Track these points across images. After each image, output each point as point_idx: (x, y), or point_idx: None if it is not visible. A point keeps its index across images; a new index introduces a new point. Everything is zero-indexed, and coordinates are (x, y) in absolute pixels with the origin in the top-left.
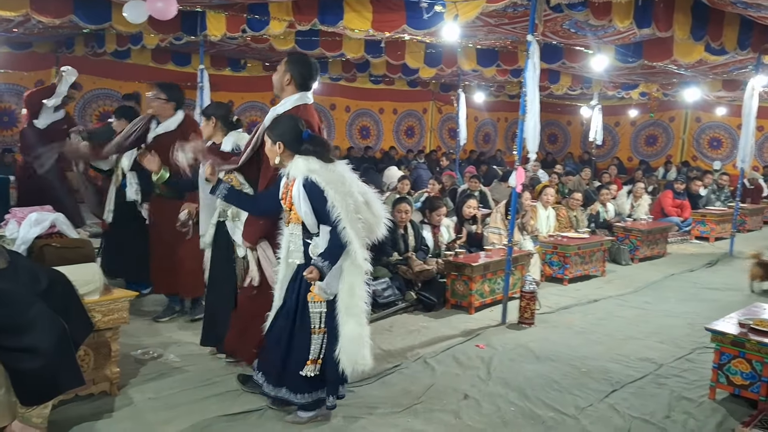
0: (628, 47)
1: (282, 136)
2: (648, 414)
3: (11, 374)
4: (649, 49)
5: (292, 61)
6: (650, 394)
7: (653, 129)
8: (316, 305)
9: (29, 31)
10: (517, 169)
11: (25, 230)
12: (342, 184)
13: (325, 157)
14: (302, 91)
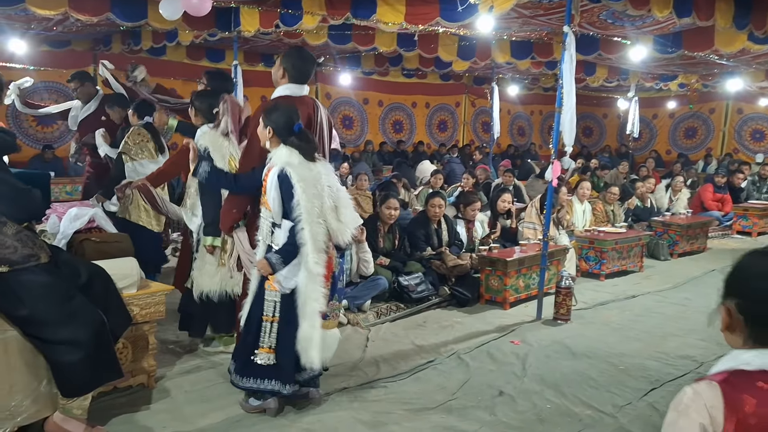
0: (667, 37)
1: (274, 122)
2: None
3: (52, 366)
4: (689, 38)
5: (286, 54)
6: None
7: (693, 121)
8: (271, 294)
9: (68, 30)
10: (553, 163)
11: (66, 225)
12: (314, 186)
13: (307, 154)
14: (295, 83)
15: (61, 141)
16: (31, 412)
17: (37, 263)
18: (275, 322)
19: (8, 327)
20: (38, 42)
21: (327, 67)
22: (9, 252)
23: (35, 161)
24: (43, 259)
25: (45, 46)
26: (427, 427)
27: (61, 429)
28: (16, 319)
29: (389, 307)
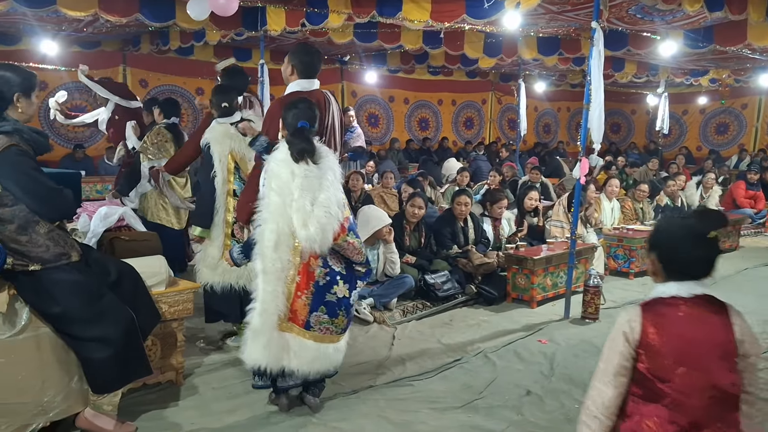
0: (698, 32)
1: (284, 115)
2: None
3: (83, 363)
4: (721, 33)
5: (293, 51)
6: None
7: (724, 117)
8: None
9: (98, 30)
10: (581, 160)
11: (96, 224)
12: (287, 186)
13: (293, 152)
14: (304, 78)
15: (91, 140)
16: (63, 408)
17: (69, 262)
18: None
19: (41, 324)
20: (69, 43)
21: (352, 66)
22: (41, 251)
23: (66, 160)
24: (74, 257)
25: (76, 47)
26: (454, 425)
27: (91, 425)
28: (48, 316)
29: (415, 305)
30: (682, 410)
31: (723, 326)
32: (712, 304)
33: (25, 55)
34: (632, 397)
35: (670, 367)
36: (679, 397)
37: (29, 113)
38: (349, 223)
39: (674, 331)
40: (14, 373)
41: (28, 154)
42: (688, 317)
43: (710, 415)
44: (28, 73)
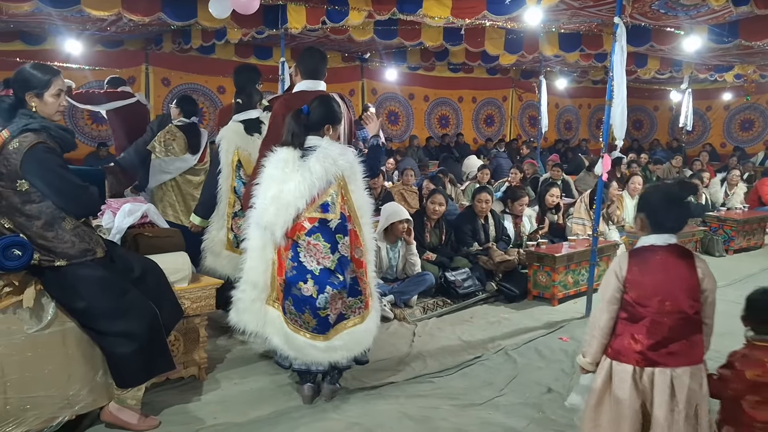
0: (723, 26)
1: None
2: None
3: (108, 358)
4: (746, 27)
5: (299, 56)
6: None
7: (749, 113)
8: None
9: (120, 30)
10: (603, 157)
11: (120, 220)
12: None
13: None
14: (309, 79)
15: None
16: (88, 402)
17: (93, 257)
18: None
19: (67, 319)
20: (93, 42)
21: (373, 63)
22: (67, 246)
23: (90, 158)
24: (99, 253)
25: (99, 46)
26: (474, 422)
27: (116, 418)
28: (73, 311)
29: (436, 302)
30: (658, 328)
31: (689, 268)
32: (682, 252)
33: (50, 54)
34: (621, 320)
35: (648, 297)
36: (655, 318)
37: (46, 112)
38: (315, 224)
39: (652, 270)
40: (41, 366)
41: (55, 151)
42: (663, 260)
43: (678, 332)
44: (44, 74)
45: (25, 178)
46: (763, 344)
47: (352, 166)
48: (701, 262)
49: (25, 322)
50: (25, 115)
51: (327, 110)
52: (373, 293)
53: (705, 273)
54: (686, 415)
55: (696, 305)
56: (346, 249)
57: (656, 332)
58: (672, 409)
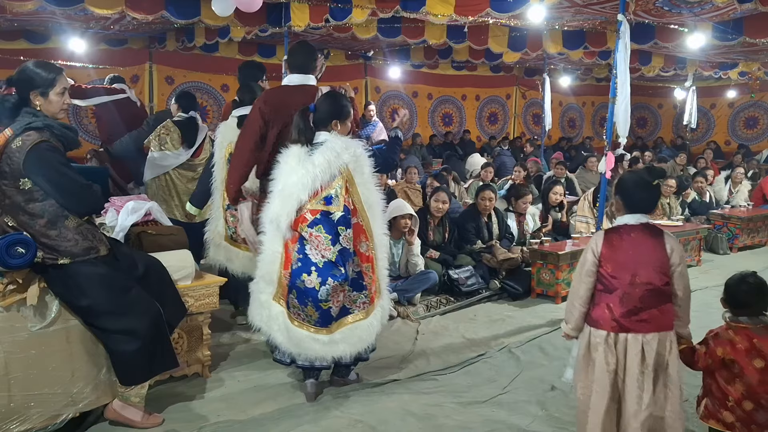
0: (727, 24)
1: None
2: None
3: (111, 355)
4: (751, 25)
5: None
6: None
7: (754, 110)
8: None
9: (124, 28)
10: (606, 154)
11: (123, 218)
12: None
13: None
14: (295, 74)
15: None
16: (92, 399)
17: (97, 255)
18: None
19: (70, 317)
20: (96, 41)
21: (376, 61)
22: (70, 245)
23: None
24: (103, 251)
25: (103, 44)
26: (478, 420)
27: (119, 416)
28: (77, 309)
29: (439, 300)
30: (629, 298)
31: (659, 244)
32: (652, 230)
33: (54, 53)
34: (597, 291)
35: (620, 270)
36: (627, 289)
37: (51, 111)
38: (317, 215)
39: (625, 246)
40: (45, 364)
41: (58, 150)
42: (635, 238)
43: (648, 302)
44: (48, 72)
45: (27, 176)
46: (736, 325)
47: (357, 159)
48: (670, 239)
49: (28, 320)
50: (29, 113)
51: (333, 106)
52: (381, 290)
53: (673, 248)
54: (655, 377)
55: (665, 278)
56: (348, 242)
57: (628, 302)
58: (642, 371)
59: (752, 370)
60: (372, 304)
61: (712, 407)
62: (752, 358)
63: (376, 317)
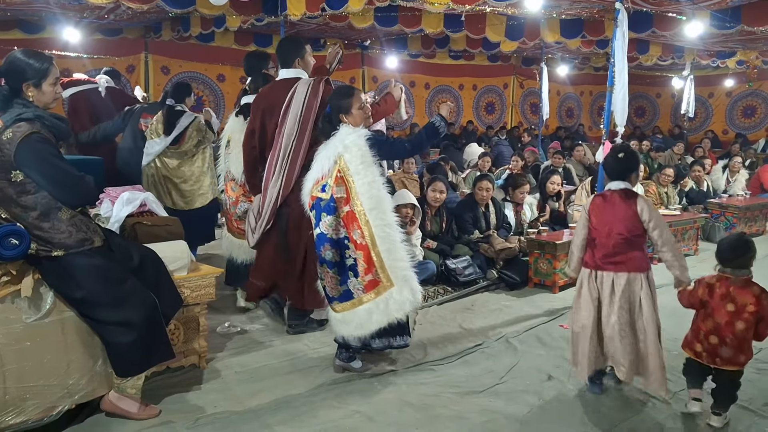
0: (725, 12)
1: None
2: (746, 400)
3: (107, 347)
4: (749, 13)
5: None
6: (748, 379)
7: (751, 99)
8: None
9: (119, 18)
10: (604, 143)
11: (118, 209)
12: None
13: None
14: (282, 69)
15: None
16: (88, 391)
17: (92, 247)
18: None
19: (65, 308)
20: (91, 30)
21: (373, 50)
22: (64, 236)
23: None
24: (97, 242)
25: (98, 34)
26: (475, 410)
27: (116, 407)
28: (72, 300)
29: (436, 290)
30: (605, 245)
31: (632, 204)
32: (628, 194)
33: (49, 43)
34: (588, 240)
35: (600, 224)
36: (604, 239)
37: (44, 101)
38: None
39: (606, 206)
40: (40, 356)
41: (50, 141)
42: (614, 200)
43: (619, 249)
44: (41, 63)
45: (19, 168)
46: (721, 275)
47: (349, 148)
48: (641, 201)
49: (23, 312)
50: (20, 104)
51: (333, 101)
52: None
53: (643, 208)
54: (621, 307)
55: (635, 231)
56: (328, 228)
57: (604, 248)
58: (611, 302)
59: (723, 312)
60: (367, 293)
61: (690, 338)
62: (726, 303)
63: (377, 305)
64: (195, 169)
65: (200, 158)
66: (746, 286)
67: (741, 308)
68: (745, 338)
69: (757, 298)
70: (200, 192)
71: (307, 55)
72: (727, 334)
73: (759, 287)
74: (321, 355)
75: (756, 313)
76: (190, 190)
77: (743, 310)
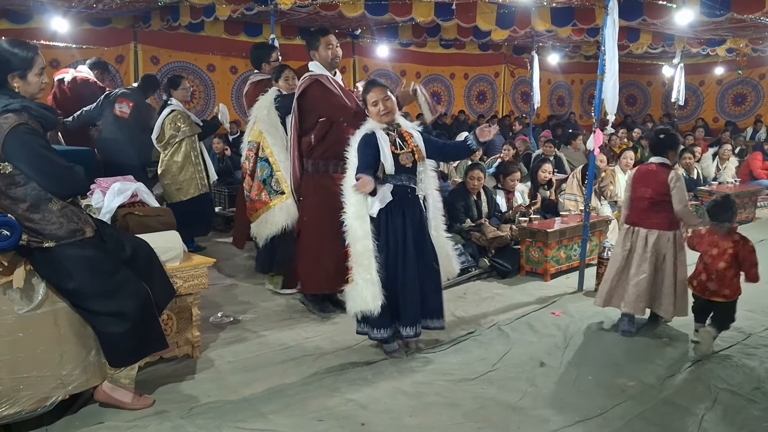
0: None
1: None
2: (735, 385)
3: (100, 337)
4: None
5: None
6: (738, 364)
7: (741, 87)
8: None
9: (108, 7)
10: (595, 131)
11: (110, 199)
12: None
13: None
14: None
15: None
16: (81, 381)
17: (83, 237)
18: None
19: (58, 299)
20: (80, 20)
21: (364, 40)
22: (55, 228)
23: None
24: (89, 233)
25: (86, 24)
26: (468, 397)
27: (109, 397)
28: (64, 291)
29: None
30: (640, 206)
31: (663, 174)
32: (663, 166)
33: (36, 33)
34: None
35: (637, 189)
36: (638, 202)
37: (30, 92)
38: None
39: (643, 175)
40: (33, 347)
41: (38, 132)
42: (651, 170)
43: (650, 209)
44: (25, 52)
45: (8, 160)
46: (710, 228)
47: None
48: (673, 172)
49: (15, 303)
50: (5, 95)
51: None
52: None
53: (672, 177)
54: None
55: (662, 196)
56: None
57: (638, 208)
58: (644, 252)
59: (710, 256)
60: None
61: (690, 277)
62: (711, 247)
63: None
64: (172, 163)
65: (181, 152)
66: (728, 234)
67: (722, 251)
68: (725, 275)
69: (735, 243)
70: (176, 187)
71: (321, 47)
72: (712, 272)
73: (739, 235)
74: (314, 344)
75: (734, 255)
76: (167, 184)
77: (724, 253)
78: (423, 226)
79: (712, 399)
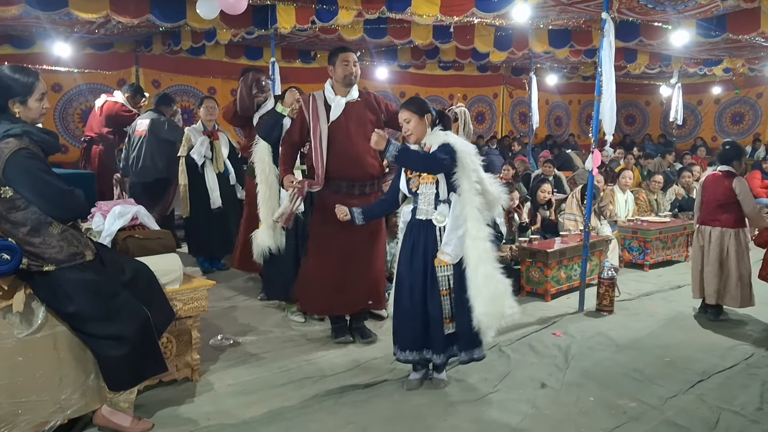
0: (711, 21)
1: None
2: (738, 405)
3: (99, 361)
4: (734, 21)
5: None
6: (741, 384)
7: (739, 106)
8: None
9: (110, 32)
10: (593, 152)
11: (110, 222)
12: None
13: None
14: None
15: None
16: (80, 405)
17: (83, 261)
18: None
19: (57, 323)
20: (82, 45)
21: (363, 62)
22: (55, 251)
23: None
24: (89, 256)
25: (89, 48)
26: (468, 419)
27: (108, 421)
28: (64, 315)
29: None
30: (709, 208)
31: (728, 180)
32: (728, 174)
33: (39, 58)
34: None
35: (707, 193)
36: (708, 204)
37: (30, 117)
38: None
39: (711, 182)
40: (32, 371)
41: (38, 156)
42: (718, 177)
43: (717, 211)
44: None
45: (8, 184)
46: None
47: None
48: (737, 180)
49: (15, 327)
50: (6, 120)
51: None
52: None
53: (737, 184)
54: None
55: (729, 199)
56: None
57: (708, 209)
58: (711, 248)
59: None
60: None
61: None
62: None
63: None
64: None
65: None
66: None
67: None
68: None
69: None
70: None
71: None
72: None
73: None
74: (315, 366)
75: None
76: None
77: None
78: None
79: (714, 420)
